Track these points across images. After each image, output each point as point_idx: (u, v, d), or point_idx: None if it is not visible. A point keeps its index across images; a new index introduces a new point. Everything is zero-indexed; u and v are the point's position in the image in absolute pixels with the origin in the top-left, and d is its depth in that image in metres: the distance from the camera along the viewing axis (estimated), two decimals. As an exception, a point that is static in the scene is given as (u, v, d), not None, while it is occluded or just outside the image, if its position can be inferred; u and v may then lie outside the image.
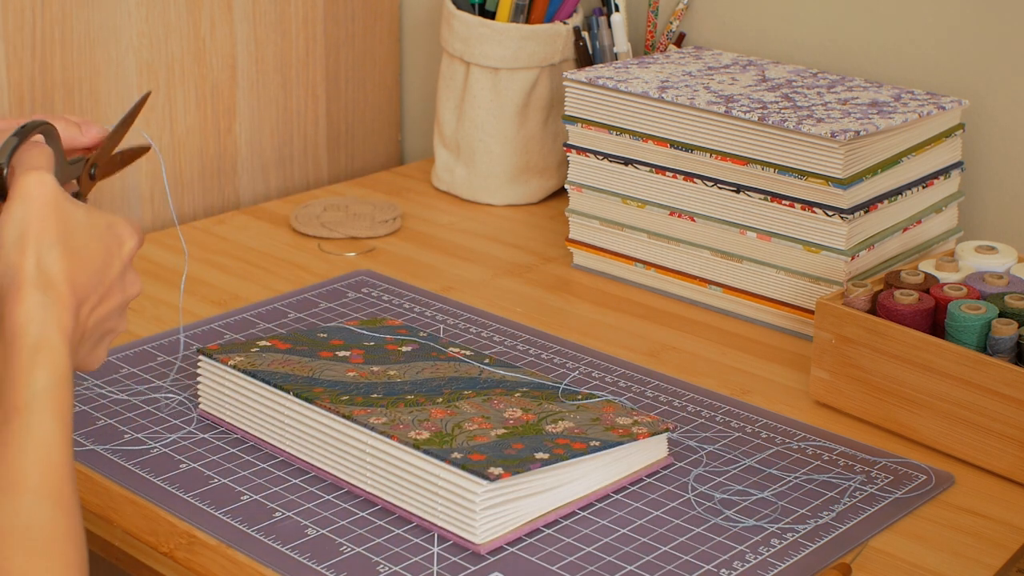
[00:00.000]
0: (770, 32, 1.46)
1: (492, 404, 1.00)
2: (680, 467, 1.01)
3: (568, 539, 0.93)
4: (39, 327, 0.79)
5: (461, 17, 1.51)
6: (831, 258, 1.20)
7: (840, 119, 1.20)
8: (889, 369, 1.05)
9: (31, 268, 0.80)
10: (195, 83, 1.53)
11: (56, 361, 0.79)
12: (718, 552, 0.91)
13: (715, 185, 1.25)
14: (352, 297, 1.29)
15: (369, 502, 0.96)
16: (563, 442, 0.94)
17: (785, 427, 1.07)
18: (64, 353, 0.79)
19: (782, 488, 0.99)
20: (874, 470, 1.01)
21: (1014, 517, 0.97)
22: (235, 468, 1.01)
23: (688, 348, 1.21)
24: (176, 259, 1.37)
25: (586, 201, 1.35)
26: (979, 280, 1.11)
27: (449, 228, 1.48)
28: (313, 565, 0.90)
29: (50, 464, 0.77)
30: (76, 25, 1.42)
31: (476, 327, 1.23)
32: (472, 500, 0.90)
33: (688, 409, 1.09)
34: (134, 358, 1.16)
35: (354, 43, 1.68)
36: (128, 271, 0.87)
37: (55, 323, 0.79)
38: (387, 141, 1.76)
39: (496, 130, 1.52)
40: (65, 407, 0.79)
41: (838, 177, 1.17)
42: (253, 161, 1.60)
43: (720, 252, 1.27)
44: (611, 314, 1.28)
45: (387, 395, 1.00)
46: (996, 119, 1.33)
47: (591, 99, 1.32)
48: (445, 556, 0.91)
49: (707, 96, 1.26)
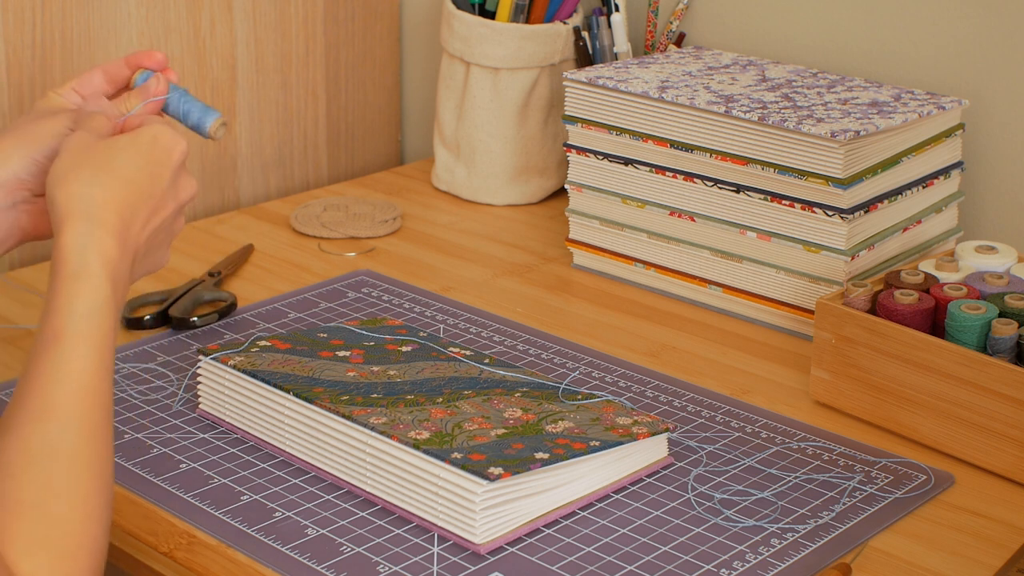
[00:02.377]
0: (770, 32, 1.46)
1: (492, 404, 1.00)
2: (680, 467, 1.01)
3: (568, 539, 0.93)
4: (80, 256, 0.84)
5: (461, 17, 1.51)
6: (831, 258, 1.20)
7: (840, 119, 1.20)
8: (889, 369, 1.05)
9: (73, 201, 0.85)
10: (195, 83, 1.53)
11: (96, 289, 0.83)
12: (718, 552, 0.91)
13: (715, 185, 1.25)
14: (352, 297, 1.29)
15: (369, 502, 0.96)
16: (563, 442, 0.94)
17: (785, 427, 1.07)
18: (104, 281, 0.84)
19: (782, 488, 0.99)
20: (874, 470, 1.01)
21: (1014, 517, 0.97)
22: (235, 468, 1.01)
23: (688, 348, 1.21)
24: (176, 259, 1.37)
25: (586, 201, 1.35)
26: (979, 280, 1.11)
27: (449, 228, 1.48)
28: (313, 565, 0.90)
29: (82, 392, 0.81)
30: (76, 25, 1.42)
31: (476, 327, 1.23)
32: (472, 500, 0.90)
33: (688, 409, 1.09)
34: (134, 358, 1.16)
35: (354, 43, 1.68)
36: (180, 176, 0.93)
37: (96, 252, 0.84)
38: (387, 141, 1.76)
39: (496, 130, 1.52)
40: (102, 335, 0.83)
41: (838, 177, 1.17)
42: (253, 161, 1.61)
43: (720, 252, 1.27)
44: (611, 314, 1.28)
45: (387, 395, 1.00)
46: (996, 119, 1.33)
47: (591, 99, 1.32)
48: (445, 556, 0.91)
49: (707, 96, 1.26)
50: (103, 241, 0.85)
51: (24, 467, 0.78)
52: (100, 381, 0.82)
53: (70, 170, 0.87)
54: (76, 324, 0.82)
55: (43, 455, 0.79)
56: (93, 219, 0.85)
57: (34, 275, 1.34)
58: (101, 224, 0.85)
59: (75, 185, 0.86)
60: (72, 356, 0.81)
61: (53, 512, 0.78)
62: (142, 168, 0.89)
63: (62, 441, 0.79)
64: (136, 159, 0.89)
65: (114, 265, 0.85)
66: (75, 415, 0.80)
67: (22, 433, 0.79)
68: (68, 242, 0.84)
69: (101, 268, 0.84)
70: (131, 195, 0.88)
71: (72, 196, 0.85)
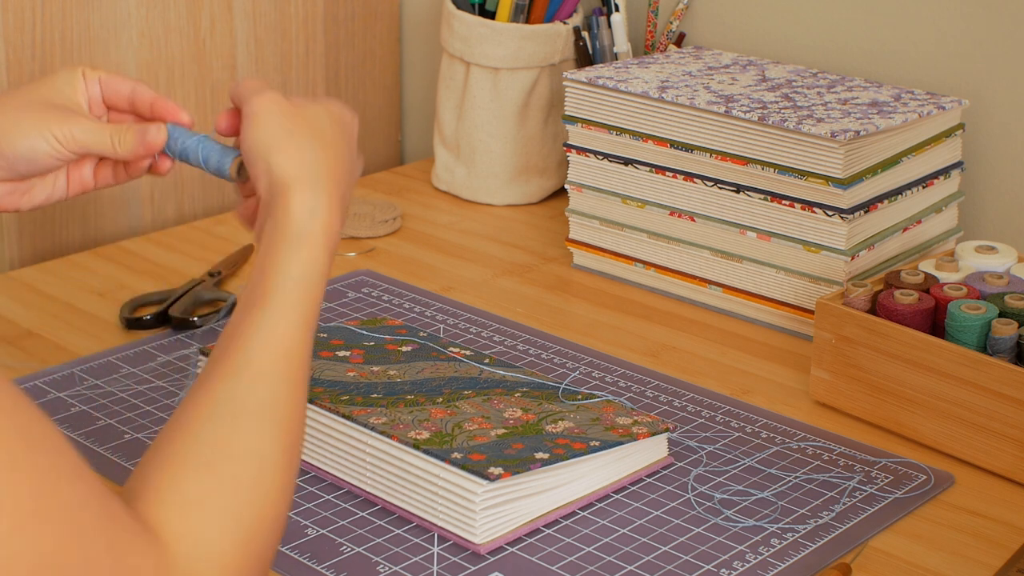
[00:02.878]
0: (770, 32, 1.46)
1: (492, 404, 1.00)
2: (680, 467, 1.01)
3: (568, 539, 0.93)
4: (307, 222, 0.82)
5: (461, 17, 1.51)
6: (831, 258, 1.20)
7: (840, 119, 1.20)
8: (889, 369, 1.05)
9: (297, 166, 0.84)
10: (195, 83, 1.53)
11: (314, 256, 0.82)
12: (718, 552, 0.91)
13: (715, 185, 1.25)
14: (352, 297, 1.29)
15: (369, 502, 0.96)
16: (563, 442, 0.94)
17: (785, 427, 1.07)
18: (323, 250, 0.83)
19: (782, 488, 0.99)
20: (874, 470, 1.01)
21: (1014, 517, 0.97)
22: (235, 468, 1.01)
23: (688, 348, 1.21)
24: (176, 259, 1.37)
25: (586, 201, 1.35)
26: (979, 280, 1.11)
27: (449, 228, 1.48)
28: (313, 565, 0.90)
29: (282, 356, 0.79)
30: (76, 25, 1.42)
31: (476, 327, 1.23)
32: (472, 500, 0.90)
33: (688, 409, 1.09)
34: (134, 358, 1.16)
35: (354, 43, 1.68)
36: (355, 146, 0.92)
37: (322, 220, 0.83)
38: (387, 141, 1.76)
39: (496, 130, 1.52)
40: (312, 302, 0.81)
41: (838, 177, 1.17)
42: (253, 161, 1.60)
43: (720, 252, 1.27)
44: (611, 314, 1.28)
45: (387, 395, 1.00)
46: (996, 119, 1.33)
47: (591, 99, 1.32)
48: (445, 556, 0.91)
49: (707, 96, 1.26)
50: (329, 210, 0.83)
51: (203, 422, 0.74)
52: (302, 348, 0.80)
53: (286, 135, 0.85)
54: (288, 287, 0.80)
55: (227, 411, 0.75)
56: (319, 187, 0.84)
57: (34, 275, 1.34)
58: (326, 192, 0.84)
59: (296, 150, 0.84)
60: (278, 319, 0.79)
61: (224, 472, 0.73)
62: (341, 137, 0.89)
63: (250, 397, 0.76)
64: (336, 128, 0.88)
65: (333, 234, 0.84)
66: (269, 374, 0.77)
67: (209, 388, 0.76)
68: (296, 207, 0.82)
69: (323, 236, 0.83)
70: (341, 164, 0.87)
71: (294, 161, 0.84)
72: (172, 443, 0.74)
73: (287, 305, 0.80)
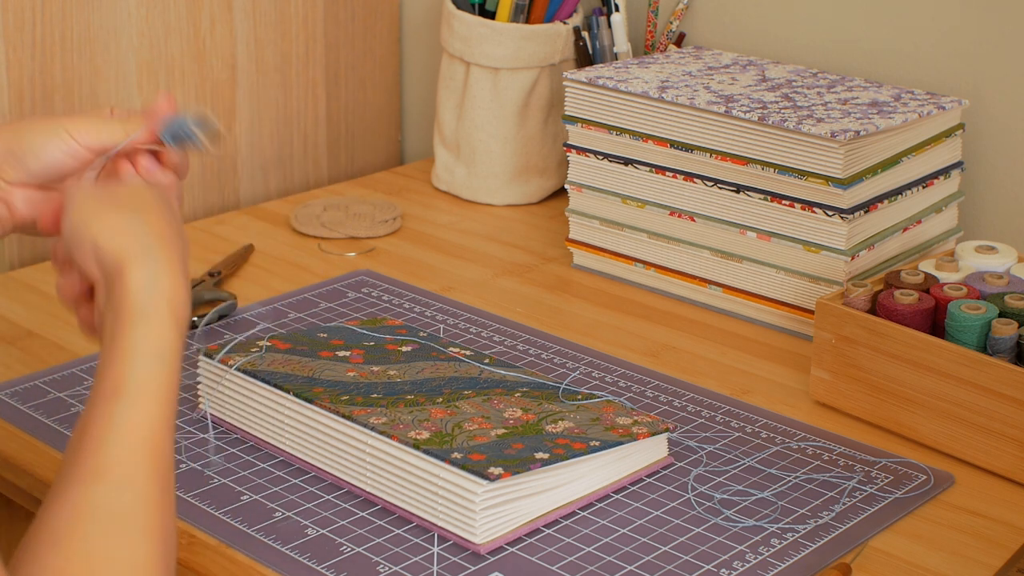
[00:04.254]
0: (770, 32, 1.46)
1: (492, 404, 1.00)
2: (680, 467, 1.01)
3: (568, 539, 0.93)
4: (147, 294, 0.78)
5: (461, 17, 1.51)
6: (831, 258, 1.20)
7: (840, 119, 1.20)
8: (889, 369, 1.05)
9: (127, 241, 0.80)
10: (195, 83, 1.53)
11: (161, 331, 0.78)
12: (718, 552, 0.91)
13: (715, 185, 1.25)
14: (352, 297, 1.29)
15: (369, 502, 0.96)
16: (563, 442, 0.94)
17: (785, 427, 1.07)
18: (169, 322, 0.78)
19: (782, 488, 0.99)
20: (874, 470, 1.01)
21: (1014, 517, 0.97)
22: (235, 468, 1.01)
23: (688, 348, 1.21)
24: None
25: (586, 201, 1.35)
26: (979, 280, 1.11)
27: (449, 228, 1.48)
28: (313, 565, 0.90)
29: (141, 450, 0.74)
30: (76, 25, 1.42)
31: (476, 327, 1.23)
32: (472, 500, 0.90)
33: (688, 409, 1.09)
34: (134, 358, 1.16)
35: (354, 43, 1.68)
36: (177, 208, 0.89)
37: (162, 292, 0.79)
38: (387, 141, 1.76)
39: (496, 130, 1.52)
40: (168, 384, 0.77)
41: (838, 177, 1.17)
42: (253, 161, 1.60)
43: (720, 252, 1.27)
44: (611, 314, 1.28)
45: (387, 395, 1.00)
46: (996, 119, 1.33)
47: (591, 99, 1.32)
48: (445, 556, 0.91)
49: (707, 96, 1.26)
50: (171, 276, 0.79)
51: (69, 535, 0.70)
52: (162, 437, 0.75)
53: (105, 211, 0.82)
54: (139, 373, 0.76)
55: (93, 520, 0.71)
56: (152, 255, 0.80)
57: (34, 275, 1.34)
58: (163, 259, 0.80)
59: (119, 223, 0.81)
60: (133, 409, 0.75)
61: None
62: (160, 200, 0.85)
63: (116, 504, 0.72)
64: (151, 193, 0.85)
65: (179, 304, 0.79)
66: (131, 475, 0.73)
67: (70, 496, 0.72)
68: (134, 282, 0.78)
69: (168, 307, 0.78)
70: (169, 227, 0.83)
71: (121, 235, 0.80)
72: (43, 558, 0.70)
73: (141, 392, 0.75)
